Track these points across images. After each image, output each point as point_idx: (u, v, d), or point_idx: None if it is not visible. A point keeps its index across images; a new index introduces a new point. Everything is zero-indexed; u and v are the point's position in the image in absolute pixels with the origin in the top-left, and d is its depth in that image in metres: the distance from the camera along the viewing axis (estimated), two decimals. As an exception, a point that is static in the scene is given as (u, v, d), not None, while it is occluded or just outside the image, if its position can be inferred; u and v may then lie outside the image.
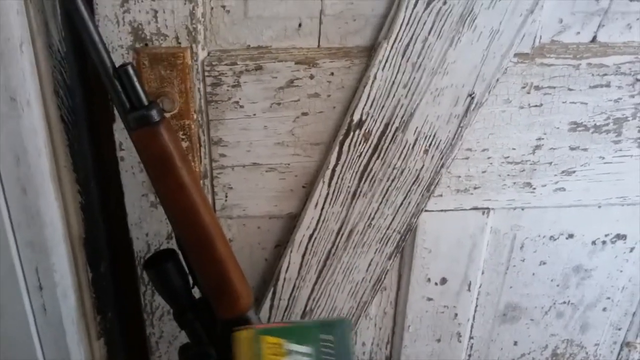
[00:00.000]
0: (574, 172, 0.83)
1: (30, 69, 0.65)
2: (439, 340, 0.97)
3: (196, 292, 0.69)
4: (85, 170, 0.78)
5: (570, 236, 0.90)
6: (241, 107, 0.74)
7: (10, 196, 0.69)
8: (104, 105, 0.74)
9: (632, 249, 0.92)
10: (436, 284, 0.91)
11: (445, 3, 0.69)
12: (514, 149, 0.81)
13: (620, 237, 0.91)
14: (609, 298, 0.97)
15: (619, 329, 1.01)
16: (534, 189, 0.84)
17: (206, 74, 0.72)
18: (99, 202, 0.82)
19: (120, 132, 0.74)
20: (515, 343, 1.01)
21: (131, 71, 0.59)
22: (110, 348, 0.91)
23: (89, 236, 0.81)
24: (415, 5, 0.68)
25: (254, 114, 0.75)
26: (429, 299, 0.93)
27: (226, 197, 0.80)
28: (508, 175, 0.83)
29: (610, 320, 1.00)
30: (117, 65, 0.59)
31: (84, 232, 0.80)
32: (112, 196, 0.81)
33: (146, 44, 0.69)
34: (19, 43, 0.62)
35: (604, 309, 0.98)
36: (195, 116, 0.73)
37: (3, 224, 0.69)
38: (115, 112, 0.71)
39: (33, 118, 0.66)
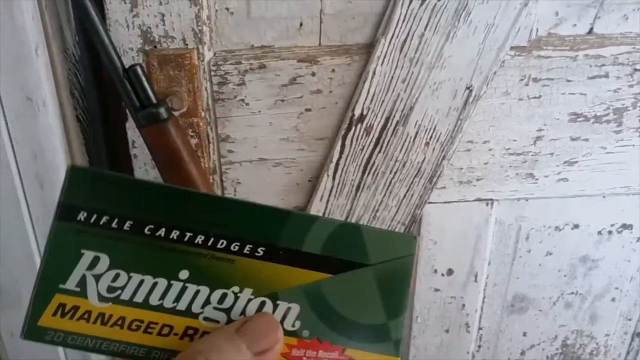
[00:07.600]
0: (576, 162, 0.84)
1: (46, 71, 0.69)
2: (447, 331, 0.99)
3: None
4: (100, 167, 0.81)
5: (576, 226, 0.91)
6: (247, 104, 0.77)
7: (29, 190, 0.73)
8: (118, 105, 0.77)
9: (638, 239, 0.93)
10: (443, 275, 0.93)
11: (440, -1, 0.71)
12: (514, 140, 0.82)
13: (627, 226, 0.92)
14: (617, 288, 0.97)
15: (629, 320, 1.01)
16: (537, 179, 0.86)
17: (212, 73, 0.75)
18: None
19: (133, 131, 0.77)
20: (525, 334, 1.02)
21: (140, 71, 0.63)
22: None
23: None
24: (410, 2, 0.71)
25: (259, 111, 0.78)
26: (436, 290, 0.94)
27: (235, 191, 0.84)
28: (510, 166, 0.84)
29: (620, 310, 1.00)
30: (126, 66, 0.63)
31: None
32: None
33: (155, 46, 0.72)
34: (34, 47, 0.66)
35: (613, 300, 0.98)
36: (203, 114, 0.76)
37: (22, 216, 0.73)
38: (127, 111, 0.75)
39: (49, 117, 0.70)
